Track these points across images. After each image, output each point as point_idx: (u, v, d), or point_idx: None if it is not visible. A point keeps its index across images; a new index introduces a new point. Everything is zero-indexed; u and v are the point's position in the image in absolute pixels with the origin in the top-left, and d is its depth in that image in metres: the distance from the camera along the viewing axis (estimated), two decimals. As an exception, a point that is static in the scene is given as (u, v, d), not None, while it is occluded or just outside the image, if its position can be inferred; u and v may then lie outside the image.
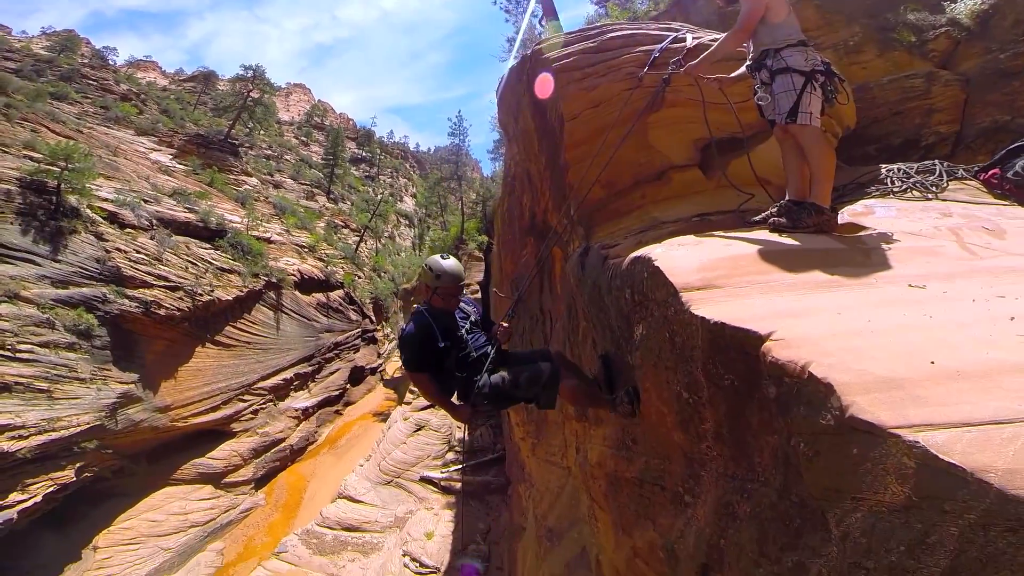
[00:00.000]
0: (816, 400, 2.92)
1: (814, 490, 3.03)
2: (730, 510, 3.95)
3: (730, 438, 3.91)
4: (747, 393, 3.58)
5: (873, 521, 2.64)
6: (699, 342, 3.92)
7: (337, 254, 55.59)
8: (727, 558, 4.00)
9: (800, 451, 3.08)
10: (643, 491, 5.77)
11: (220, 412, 32.39)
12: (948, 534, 2.30)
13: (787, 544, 3.27)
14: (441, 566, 26.68)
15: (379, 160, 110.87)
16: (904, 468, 2.45)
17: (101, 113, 48.24)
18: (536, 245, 14.40)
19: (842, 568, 2.84)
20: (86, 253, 25.78)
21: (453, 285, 5.31)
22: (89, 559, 24.91)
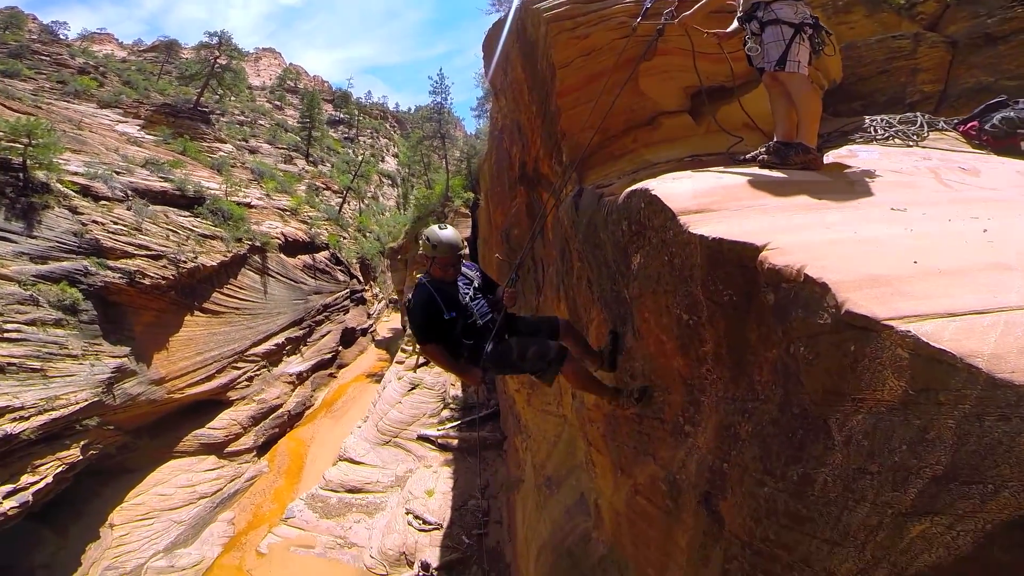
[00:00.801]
0: (813, 301, 3.12)
1: (815, 396, 3.23)
2: (732, 432, 4.17)
3: (729, 358, 4.11)
4: (745, 307, 3.78)
5: (874, 422, 2.84)
6: (698, 260, 4.08)
7: (320, 216, 55.15)
8: (730, 482, 4.25)
9: (800, 356, 3.27)
10: (642, 427, 6.01)
11: (215, 381, 32.54)
12: (946, 427, 2.50)
13: (791, 457, 3.49)
14: (443, 522, 27.34)
15: (358, 121, 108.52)
16: (899, 360, 2.65)
17: (58, 88, 46.25)
18: (526, 194, 14.70)
19: (847, 474, 3.05)
20: (62, 227, 25.48)
21: (451, 255, 5.28)
22: (107, 536, 25.38)
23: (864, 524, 2.98)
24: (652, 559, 6.24)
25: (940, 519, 2.57)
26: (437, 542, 26.06)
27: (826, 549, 3.30)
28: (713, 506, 4.56)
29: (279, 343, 39.53)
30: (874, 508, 2.90)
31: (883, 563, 2.94)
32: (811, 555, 3.44)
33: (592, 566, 8.80)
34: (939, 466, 2.53)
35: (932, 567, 2.68)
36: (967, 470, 2.43)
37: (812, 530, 3.38)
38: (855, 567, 3.12)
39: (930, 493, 2.59)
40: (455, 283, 5.48)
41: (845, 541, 3.14)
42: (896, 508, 2.77)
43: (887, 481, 2.79)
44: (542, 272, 13.65)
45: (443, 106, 55.94)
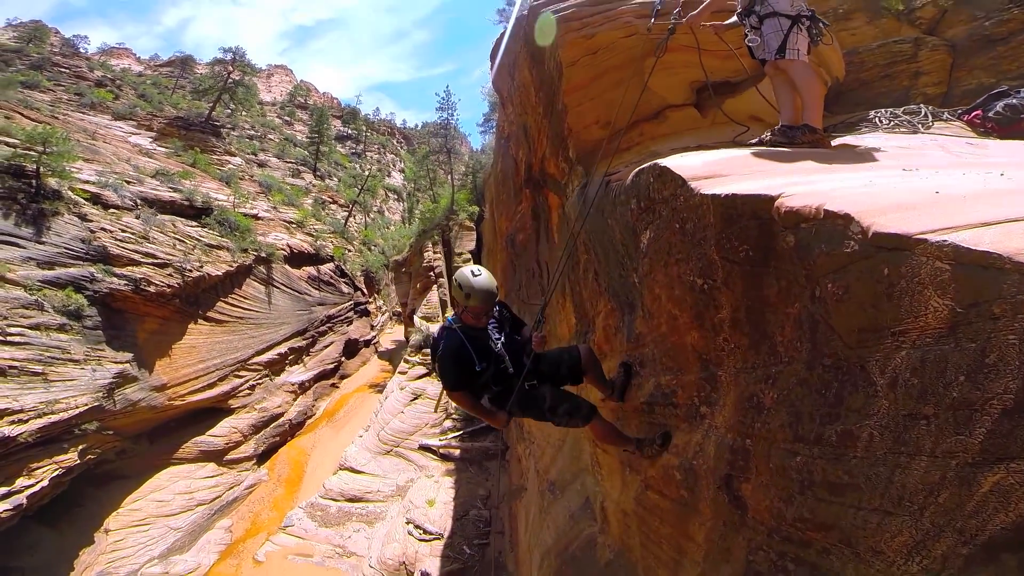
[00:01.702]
0: (836, 233, 2.89)
1: (848, 339, 2.92)
2: (754, 403, 3.86)
3: (748, 322, 3.86)
4: (763, 262, 3.55)
5: (921, 355, 2.47)
6: (711, 220, 3.90)
7: (326, 229, 55.26)
8: (754, 460, 3.93)
9: (828, 296, 3.00)
10: (653, 417, 5.79)
11: (217, 389, 32.36)
12: (1008, 345, 2.12)
13: (827, 416, 3.14)
14: (444, 532, 26.96)
15: (365, 137, 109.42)
16: (940, 274, 2.36)
17: (75, 100, 46.99)
18: (532, 197, 14.60)
19: (896, 423, 2.67)
20: (70, 234, 25.52)
21: (486, 305, 4.98)
22: (102, 542, 25.08)
23: (922, 483, 2.59)
24: (664, 559, 5.86)
25: (1019, 464, 2.16)
26: (438, 552, 25.63)
27: (874, 521, 2.91)
28: (735, 490, 4.24)
29: (282, 352, 39.39)
30: (933, 461, 2.51)
31: (946, 531, 2.54)
32: (854, 532, 3.06)
33: (598, 572, 8.26)
34: (1008, 395, 2.13)
35: (1010, 528, 2.27)
36: None
37: (856, 500, 3.02)
38: (910, 540, 2.72)
39: (1002, 432, 2.19)
40: (486, 329, 5.24)
41: (898, 508, 2.75)
42: (961, 458, 2.38)
43: (947, 424, 2.40)
44: (546, 275, 13.53)
45: (449, 122, 56.30)
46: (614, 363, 6.87)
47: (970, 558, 2.47)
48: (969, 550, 2.46)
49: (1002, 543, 2.32)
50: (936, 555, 2.63)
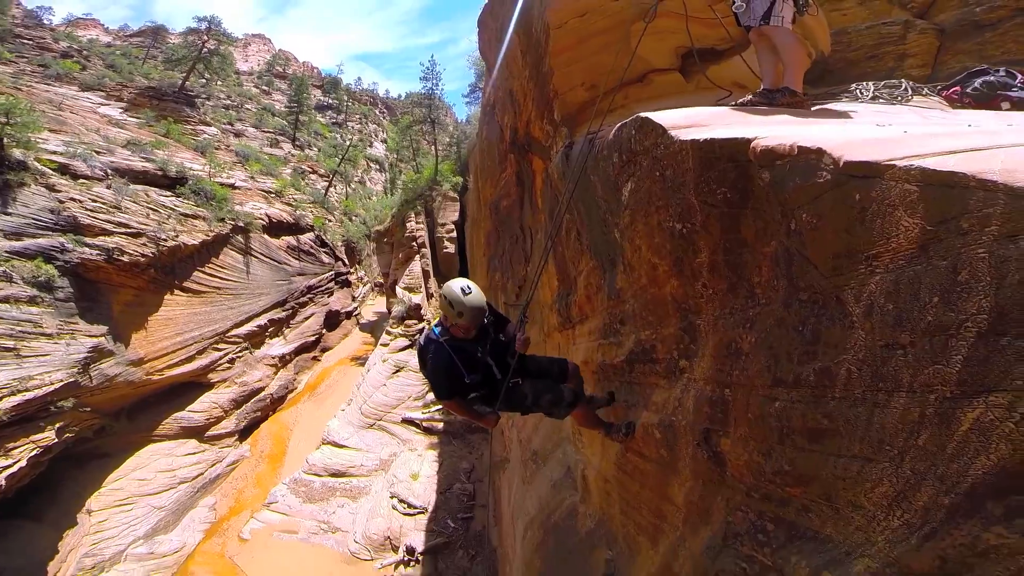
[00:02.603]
0: (809, 166, 3.03)
1: (824, 268, 3.03)
2: (733, 349, 3.93)
3: (726, 265, 3.95)
4: (740, 203, 3.67)
5: (895, 278, 2.58)
6: (690, 164, 3.98)
7: (306, 199, 54.67)
8: (733, 411, 3.98)
9: (803, 226, 3.12)
10: (633, 376, 5.97)
11: (196, 362, 31.98)
12: (978, 259, 2.22)
13: (805, 354, 3.21)
14: (428, 506, 27.27)
15: (347, 107, 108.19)
16: (909, 195, 2.49)
17: (40, 71, 45.91)
18: (517, 163, 14.69)
19: (874, 355, 2.72)
20: (38, 204, 24.82)
21: (476, 321, 5.06)
22: (85, 523, 24.81)
23: (901, 422, 2.62)
24: (644, 525, 6.04)
25: (997, 397, 2.18)
26: (422, 526, 25.93)
27: (854, 469, 2.96)
28: (713, 446, 4.30)
29: (261, 324, 39.07)
30: (912, 397, 2.54)
31: (927, 479, 2.56)
32: (834, 483, 3.11)
33: (579, 541, 8.53)
34: (982, 315, 2.21)
35: (992, 473, 2.29)
36: (1018, 313, 2.10)
37: (836, 447, 3.07)
38: (891, 490, 2.76)
39: (979, 358, 2.23)
40: (473, 341, 5.29)
41: (878, 454, 2.79)
42: (940, 391, 2.41)
43: (924, 353, 2.45)
44: (530, 241, 13.67)
45: (434, 92, 55.79)
46: (596, 323, 7.02)
47: (953, 508, 2.46)
48: (951, 499, 2.46)
49: (985, 490, 2.32)
50: (917, 506, 2.64)
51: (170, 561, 25.16)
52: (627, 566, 6.60)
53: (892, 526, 2.82)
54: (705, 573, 4.59)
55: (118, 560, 24.19)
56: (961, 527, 2.43)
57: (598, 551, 7.80)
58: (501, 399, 5.22)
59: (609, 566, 7.36)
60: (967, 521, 2.41)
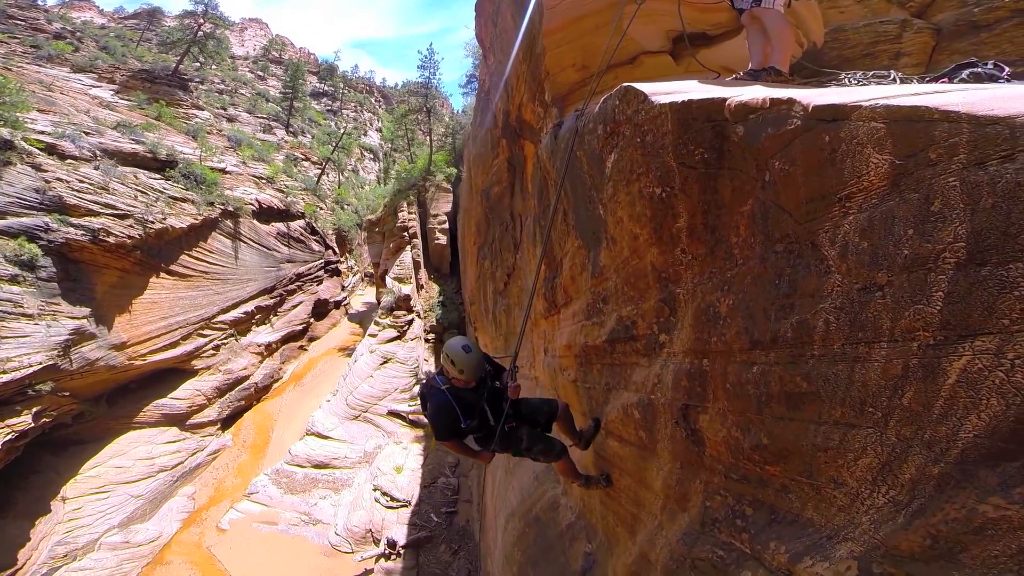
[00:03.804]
0: (780, 116, 3.15)
1: (798, 213, 3.06)
2: (711, 314, 3.94)
3: (704, 228, 4.00)
4: (717, 162, 3.75)
5: (868, 216, 2.61)
6: (669, 127, 4.05)
7: (297, 185, 54.28)
8: (711, 381, 3.98)
9: (776, 172, 3.19)
10: (614, 357, 6.03)
11: (180, 348, 31.73)
12: (950, 188, 2.25)
13: (782, 309, 3.21)
14: (412, 499, 27.26)
15: (342, 94, 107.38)
16: (876, 132, 2.55)
17: (31, 52, 45.45)
18: (509, 148, 14.84)
19: (852, 298, 2.72)
20: (23, 184, 24.51)
21: (475, 376, 5.56)
22: (59, 510, 24.55)
23: (884, 378, 2.55)
24: (623, 515, 6.13)
25: (984, 341, 2.12)
26: (405, 519, 25.90)
27: (836, 438, 2.88)
28: (692, 423, 4.31)
29: (248, 311, 38.80)
30: (894, 347, 2.49)
31: (914, 446, 2.47)
32: (815, 456, 3.05)
33: (559, 534, 8.70)
34: (959, 243, 2.20)
35: (984, 435, 2.20)
36: (995, 239, 2.08)
37: (816, 413, 3.00)
38: (875, 461, 2.68)
39: (960, 293, 2.19)
40: (472, 390, 5.76)
41: (860, 418, 2.71)
42: (922, 337, 2.35)
43: (903, 291, 2.42)
44: (519, 228, 13.74)
45: (431, 81, 55.72)
46: (580, 305, 7.08)
47: (943, 480, 2.36)
48: (941, 468, 2.36)
49: (977, 456, 2.23)
50: (904, 480, 2.54)
51: (145, 551, 25.06)
52: (605, 559, 6.68)
53: (877, 504, 2.73)
54: (682, 561, 4.56)
55: (91, 549, 24.03)
56: (953, 500, 2.32)
57: (578, 543, 7.94)
58: (496, 441, 5.78)
59: (587, 560, 7.51)
60: (959, 493, 2.30)
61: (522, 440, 6.07)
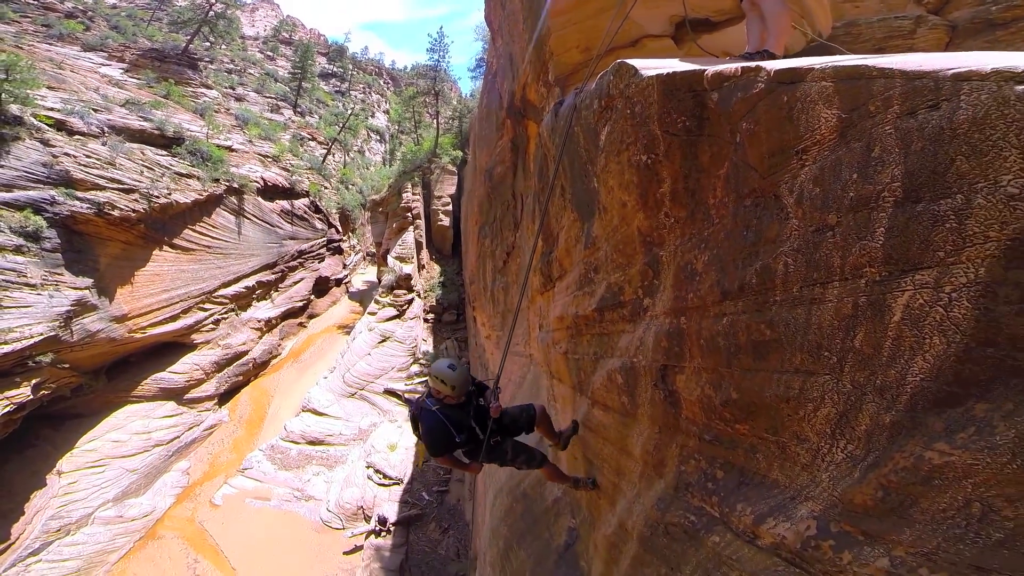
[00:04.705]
0: (748, 81, 3.51)
1: (761, 168, 3.38)
2: (689, 271, 4.19)
3: (685, 192, 4.23)
4: (698, 129, 4.01)
5: (820, 165, 2.92)
6: (655, 97, 4.31)
7: (303, 164, 54.37)
8: (687, 339, 4.21)
9: (744, 132, 3.51)
10: (603, 326, 6.22)
11: (180, 321, 31.99)
12: (886, 136, 2.56)
13: (748, 255, 3.48)
14: (404, 477, 27.58)
15: (351, 76, 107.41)
16: (825, 90, 2.95)
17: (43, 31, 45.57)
18: (513, 129, 15.04)
19: (807, 240, 3.00)
20: (31, 158, 24.84)
21: (462, 392, 5.99)
22: (54, 484, 24.74)
23: (837, 318, 2.79)
24: (605, 486, 6.37)
25: (924, 275, 2.35)
26: (396, 497, 26.24)
27: (796, 386, 3.08)
28: (670, 384, 4.52)
29: (249, 286, 39.04)
30: (845, 285, 2.73)
31: (868, 393, 2.66)
32: (778, 411, 3.25)
33: (545, 510, 9.00)
34: (896, 183, 2.49)
35: (930, 379, 2.37)
36: (926, 178, 2.36)
37: (779, 361, 3.21)
38: (833, 412, 2.88)
39: (899, 227, 2.45)
40: (462, 407, 6.21)
41: (817, 363, 2.93)
42: (869, 274, 2.59)
43: (850, 229, 2.70)
44: (520, 207, 13.94)
45: (439, 65, 55.60)
46: (573, 277, 7.27)
47: (894, 429, 2.54)
48: (892, 416, 2.54)
49: (924, 402, 2.40)
50: (860, 432, 2.74)
51: (138, 525, 25.43)
52: (588, 534, 7.00)
53: (836, 460, 2.91)
54: (655, 527, 4.81)
55: (84, 523, 24.29)
56: (903, 448, 2.49)
57: (562, 518, 8.26)
58: (483, 454, 6.24)
59: (571, 534, 7.87)
60: (908, 442, 2.46)
61: (507, 452, 6.55)
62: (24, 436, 24.34)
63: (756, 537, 3.56)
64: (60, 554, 22.94)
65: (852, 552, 2.78)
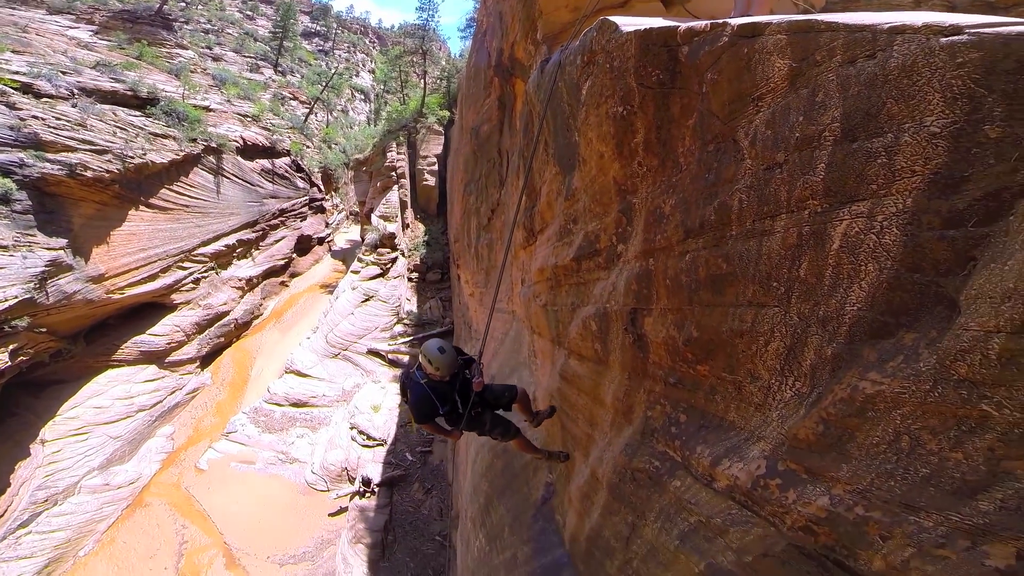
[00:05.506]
0: (715, 35, 3.80)
1: (722, 114, 3.72)
2: (658, 214, 4.52)
3: (657, 142, 4.54)
4: (670, 82, 4.31)
5: (773, 110, 3.24)
6: (632, 51, 4.59)
7: (284, 124, 53.57)
8: (655, 280, 4.57)
9: (708, 83, 3.85)
10: (580, 275, 6.64)
11: (159, 281, 31.57)
12: (829, 83, 2.88)
13: (707, 195, 3.83)
14: (388, 438, 27.95)
15: (335, 35, 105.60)
16: (780, 43, 3.26)
17: (3, -5, 44.93)
18: (500, 87, 15.26)
19: (759, 177, 3.35)
20: (-3, 122, 24.33)
21: (449, 371, 6.41)
22: (39, 454, 24.57)
23: (784, 248, 3.12)
24: (579, 436, 6.92)
25: (859, 206, 2.68)
26: (380, 458, 26.59)
27: (749, 320, 3.43)
28: (639, 328, 4.87)
29: (229, 244, 38.51)
30: (791, 216, 3.07)
31: (811, 327, 2.98)
32: (734, 347, 3.61)
33: (524, 465, 9.35)
34: (835, 123, 2.80)
35: (866, 307, 2.69)
36: (861, 119, 2.68)
37: (734, 295, 3.56)
38: (782, 346, 3.21)
39: (837, 162, 2.78)
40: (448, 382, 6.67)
41: (767, 295, 3.27)
42: (811, 205, 2.93)
43: (796, 166, 3.03)
44: (506, 164, 14.24)
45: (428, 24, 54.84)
46: (554, 229, 7.59)
47: (836, 362, 2.87)
48: (833, 348, 2.87)
49: (861, 332, 2.73)
50: (805, 368, 3.08)
51: (125, 492, 25.42)
52: (563, 487, 7.56)
53: (785, 398, 3.26)
54: (623, 473, 5.22)
55: (72, 492, 24.19)
56: (841, 380, 2.80)
57: (540, 473, 8.72)
58: (464, 423, 6.73)
59: (548, 489, 8.38)
60: (846, 374, 2.77)
61: (486, 423, 7.09)
62: (5, 405, 24.24)
63: (713, 480, 3.88)
64: (49, 525, 22.91)
65: (796, 491, 3.08)
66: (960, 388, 2.23)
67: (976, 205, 2.29)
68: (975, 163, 2.27)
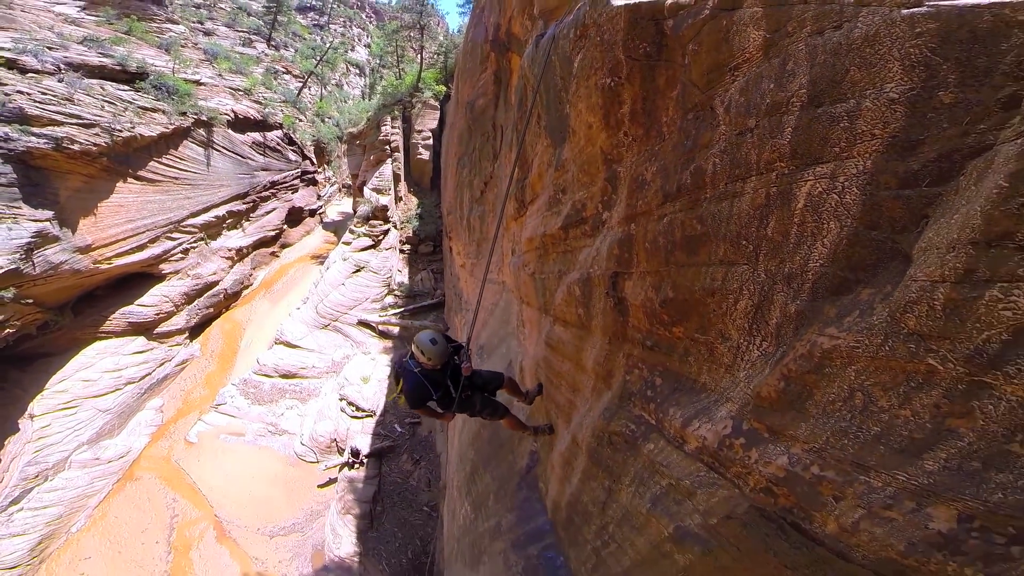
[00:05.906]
0: (698, 9, 3.94)
1: (701, 83, 3.93)
2: (640, 181, 4.73)
3: (643, 112, 4.73)
4: (656, 55, 4.48)
5: (747, 78, 3.47)
6: (621, 24, 4.74)
7: (276, 98, 52.96)
8: (635, 244, 4.77)
9: (690, 54, 4.03)
10: (567, 243, 6.83)
11: (147, 251, 31.28)
12: (799, 52, 3.10)
13: (684, 160, 4.04)
14: (377, 409, 28.07)
15: (331, 9, 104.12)
16: (756, 15, 3.43)
17: (-16, -29, 44.03)
18: (497, 61, 15.30)
19: (731, 141, 3.57)
20: (-20, 98, 23.85)
21: (441, 361, 6.83)
22: (27, 429, 24.48)
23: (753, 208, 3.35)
24: (561, 404, 7.26)
25: (823, 168, 2.91)
26: (369, 429, 26.78)
27: (719, 278, 3.66)
28: (619, 291, 5.11)
29: (219, 215, 38.10)
30: (760, 178, 3.30)
31: (778, 284, 3.22)
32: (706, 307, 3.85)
33: (510, 434, 9.61)
34: (803, 90, 3.04)
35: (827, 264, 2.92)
36: (826, 86, 2.90)
37: (707, 255, 3.79)
38: (749, 305, 3.46)
39: (804, 127, 3.00)
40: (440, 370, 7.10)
41: (737, 253, 3.50)
42: (779, 167, 3.16)
43: (765, 130, 3.25)
44: (500, 137, 14.39)
45: (427, -1, 54.34)
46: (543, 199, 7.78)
47: (799, 320, 3.11)
48: (797, 305, 3.11)
49: (823, 289, 2.97)
50: (771, 327, 3.33)
51: (115, 467, 25.47)
52: (546, 455, 7.97)
53: (752, 358, 3.51)
54: (601, 437, 5.53)
55: (62, 467, 24.23)
56: (802, 337, 3.04)
57: (525, 442, 9.12)
58: (455, 406, 7.21)
59: (532, 457, 8.83)
60: (808, 330, 3.01)
61: (476, 405, 7.56)
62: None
63: (684, 441, 4.15)
64: (41, 501, 22.95)
65: (759, 450, 3.33)
66: (909, 341, 2.44)
67: (930, 166, 2.50)
68: (930, 127, 2.48)
